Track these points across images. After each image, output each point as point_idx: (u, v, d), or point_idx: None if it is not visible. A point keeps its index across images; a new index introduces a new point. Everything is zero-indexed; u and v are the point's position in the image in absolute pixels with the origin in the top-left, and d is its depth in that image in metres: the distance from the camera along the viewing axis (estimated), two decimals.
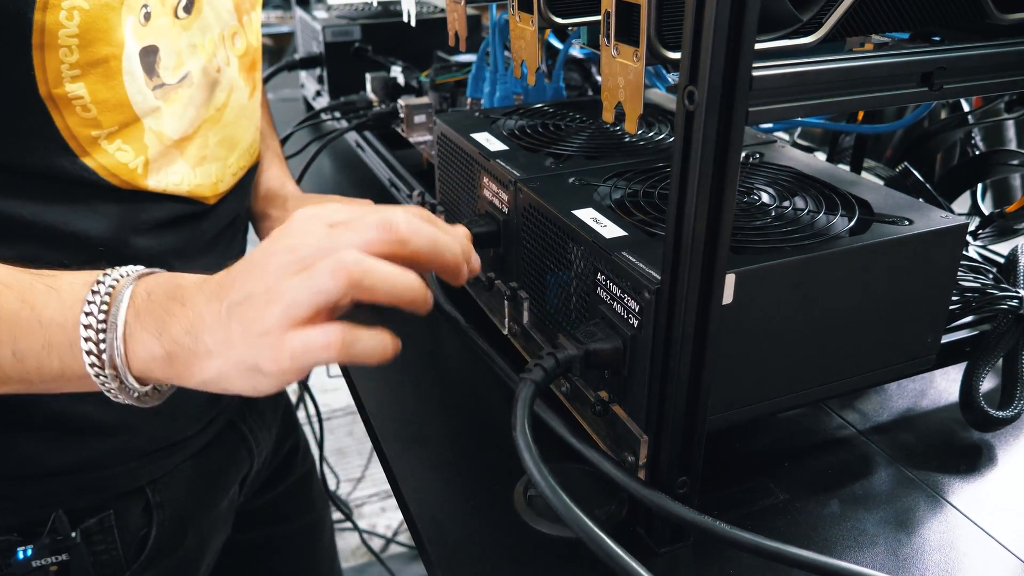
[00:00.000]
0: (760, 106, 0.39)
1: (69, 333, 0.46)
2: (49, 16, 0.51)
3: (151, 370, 0.46)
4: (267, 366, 0.43)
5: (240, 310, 0.44)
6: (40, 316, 0.46)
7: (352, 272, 0.42)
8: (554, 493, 0.42)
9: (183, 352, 0.45)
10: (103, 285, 0.46)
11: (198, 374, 0.45)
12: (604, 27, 0.43)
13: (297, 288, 0.42)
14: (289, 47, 3.56)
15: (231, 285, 0.45)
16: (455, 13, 0.69)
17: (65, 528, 0.64)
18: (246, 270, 0.45)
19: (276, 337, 0.42)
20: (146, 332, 0.45)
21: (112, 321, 0.45)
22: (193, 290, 0.46)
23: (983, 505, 0.53)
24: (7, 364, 0.46)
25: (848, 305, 0.50)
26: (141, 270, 0.48)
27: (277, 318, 0.42)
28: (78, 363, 0.46)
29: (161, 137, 0.61)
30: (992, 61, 0.45)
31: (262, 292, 0.43)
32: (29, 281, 0.47)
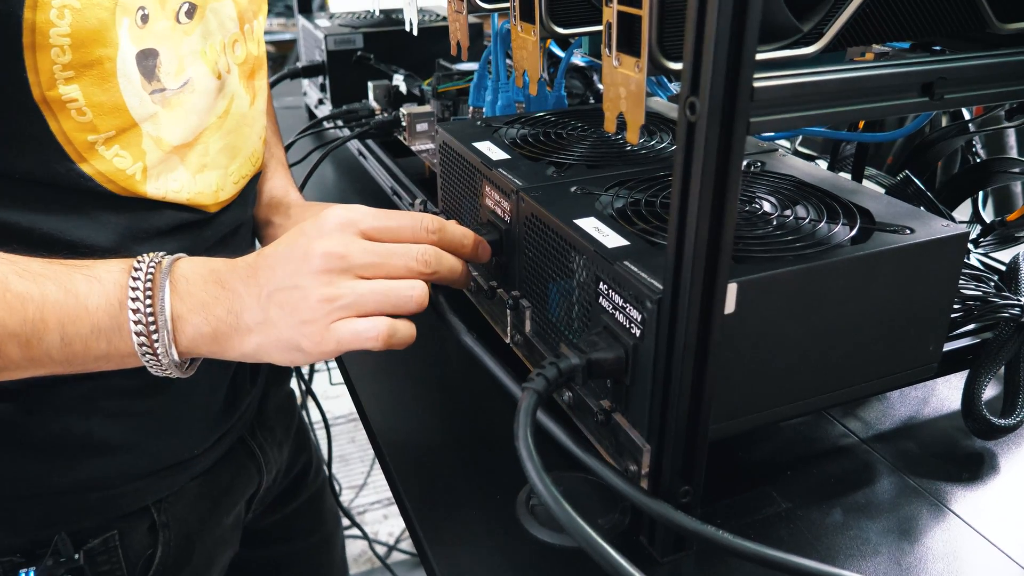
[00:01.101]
0: (761, 116, 0.40)
1: (116, 317, 0.51)
2: (39, 15, 0.51)
3: (197, 346, 0.53)
4: (309, 347, 0.51)
5: (283, 296, 0.51)
6: (86, 303, 0.51)
7: (422, 301, 0.53)
8: (556, 502, 0.42)
9: (227, 329, 0.52)
10: (141, 272, 0.52)
11: (239, 347, 0.53)
12: (606, 38, 0.43)
13: (364, 294, 0.51)
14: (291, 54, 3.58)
15: (270, 270, 0.52)
16: (457, 22, 0.69)
17: (68, 549, 0.63)
18: (285, 260, 0.52)
19: (323, 325, 0.51)
20: (192, 313, 0.52)
21: (160, 305, 0.51)
22: (227, 273, 0.53)
23: (986, 513, 0.53)
24: (55, 349, 0.51)
25: (850, 314, 0.50)
26: (172, 257, 0.54)
27: (328, 311, 0.50)
28: (126, 344, 0.51)
29: (160, 143, 0.60)
30: (992, 71, 0.45)
31: (311, 285, 0.50)
32: (66, 272, 0.51)
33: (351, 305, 0.51)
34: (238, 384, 0.75)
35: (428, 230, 0.56)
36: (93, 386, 0.62)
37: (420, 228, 0.55)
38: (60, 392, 0.61)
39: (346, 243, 0.52)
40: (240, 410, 0.76)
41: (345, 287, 0.51)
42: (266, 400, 0.84)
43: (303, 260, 0.51)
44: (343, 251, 0.51)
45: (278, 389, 0.89)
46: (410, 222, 0.55)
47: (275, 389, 0.87)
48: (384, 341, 0.51)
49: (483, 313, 0.71)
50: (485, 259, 0.61)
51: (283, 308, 0.51)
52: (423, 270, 0.54)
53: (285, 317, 0.51)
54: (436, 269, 0.55)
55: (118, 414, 0.64)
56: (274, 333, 0.51)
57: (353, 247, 0.52)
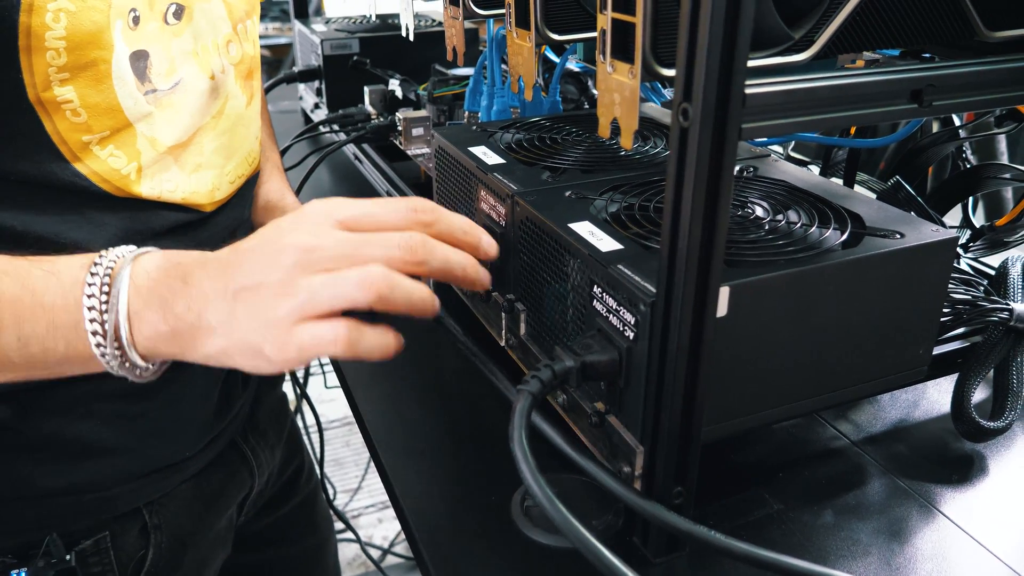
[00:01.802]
0: (753, 122, 0.40)
1: (72, 314, 0.47)
2: (35, 18, 0.51)
3: (156, 346, 0.48)
4: (272, 353, 0.46)
5: (248, 295, 0.46)
6: (42, 300, 0.47)
7: (380, 287, 0.45)
8: (551, 504, 0.42)
9: (186, 328, 0.47)
10: (101, 266, 0.48)
11: (201, 348, 0.47)
12: (600, 44, 0.44)
13: (319, 288, 0.45)
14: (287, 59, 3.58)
15: (238, 267, 0.47)
16: (453, 28, 0.70)
17: (59, 551, 0.63)
18: (254, 256, 0.47)
19: (284, 328, 0.45)
20: (149, 309, 0.47)
21: (114, 300, 0.47)
22: (194, 267, 0.48)
23: (975, 515, 0.53)
24: (12, 350, 0.48)
25: (841, 317, 0.51)
26: (136, 250, 0.50)
27: (289, 310, 0.45)
28: (83, 344, 0.47)
29: (154, 143, 0.61)
30: (981, 78, 0.46)
31: (274, 283, 0.45)
32: (26, 267, 0.48)
33: (307, 303, 0.45)
34: (230, 387, 0.75)
35: (418, 215, 0.49)
36: (86, 389, 0.62)
37: (409, 213, 0.49)
38: (53, 395, 0.61)
39: (317, 234, 0.47)
40: (232, 413, 0.76)
41: (303, 283, 0.45)
42: (258, 403, 0.84)
43: (272, 255, 0.46)
44: (312, 243, 0.46)
45: (270, 393, 0.89)
46: (396, 207, 0.49)
47: (267, 393, 0.88)
48: (344, 346, 0.45)
49: (478, 316, 0.71)
50: (492, 255, 0.53)
51: (247, 307, 0.46)
52: (406, 258, 0.47)
53: (248, 318, 0.46)
54: (424, 259, 0.47)
55: (111, 417, 0.64)
56: (237, 335, 0.46)
57: (324, 239, 0.46)
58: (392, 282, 0.45)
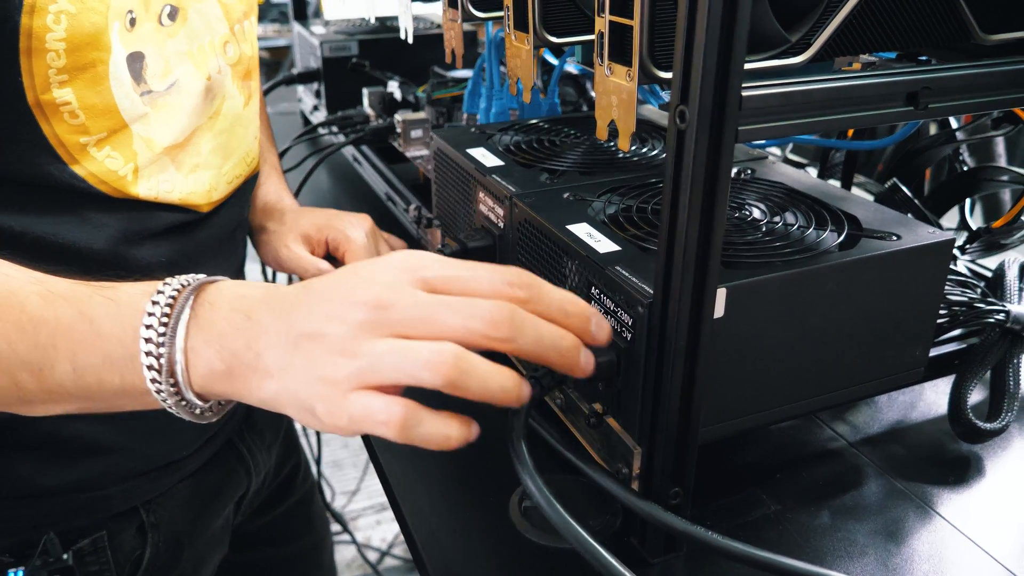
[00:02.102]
0: (749, 125, 0.40)
1: (128, 347, 0.44)
2: (36, 20, 0.51)
3: (211, 384, 0.45)
4: (322, 415, 0.42)
5: (308, 344, 0.42)
6: (99, 328, 0.45)
7: (450, 373, 0.40)
8: (549, 504, 0.42)
9: (243, 368, 0.43)
10: (163, 295, 0.45)
11: (256, 391, 0.44)
12: (598, 47, 0.44)
13: (383, 357, 0.40)
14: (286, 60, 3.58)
15: (304, 309, 0.43)
16: (452, 30, 0.70)
17: (57, 550, 0.63)
18: (323, 301, 0.43)
19: (339, 390, 0.41)
20: (207, 345, 0.44)
21: (171, 333, 0.44)
22: (259, 303, 0.44)
23: (971, 516, 0.53)
24: (67, 380, 0.45)
25: (838, 319, 0.51)
26: (203, 279, 0.46)
27: (347, 373, 0.41)
28: (138, 378, 0.44)
29: (150, 144, 0.61)
30: (976, 81, 0.46)
31: (337, 337, 0.41)
32: (87, 293, 0.46)
33: (367, 370, 0.40)
34: None
35: (512, 289, 0.42)
36: None
37: (502, 285, 0.42)
38: None
39: (394, 292, 0.42)
40: (229, 412, 0.76)
41: (367, 346, 0.40)
42: None
43: (342, 305, 0.42)
44: (386, 301, 0.41)
45: None
46: (489, 274, 0.43)
47: None
48: (396, 430, 0.40)
49: None
50: (601, 340, 0.45)
51: (306, 357, 0.42)
52: (488, 332, 0.40)
53: (305, 368, 0.41)
54: (511, 335, 0.41)
55: (107, 416, 0.64)
56: (292, 385, 0.42)
57: (400, 297, 0.41)
58: (464, 366, 0.40)
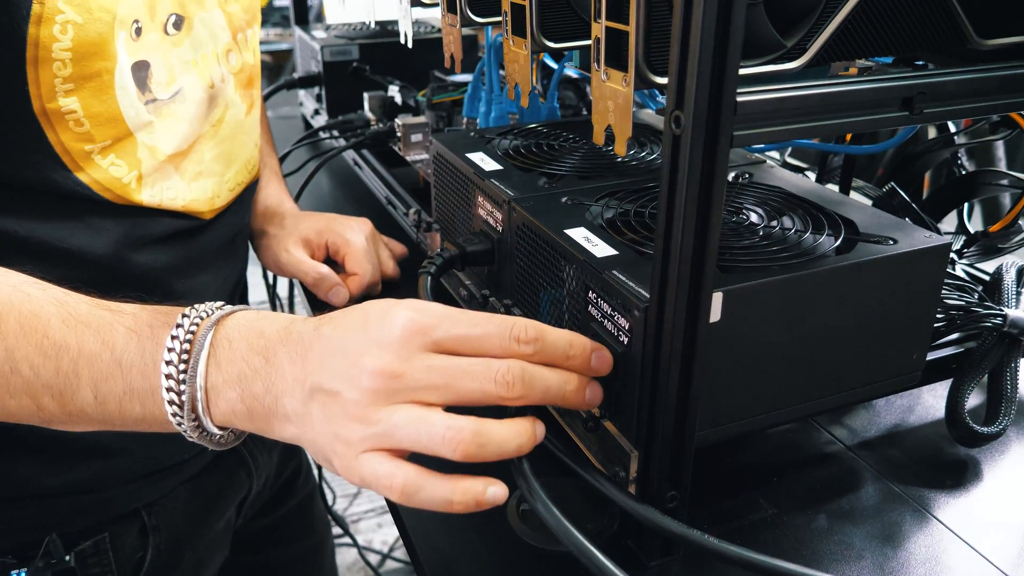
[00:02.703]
0: (745, 130, 0.41)
1: (150, 380, 0.45)
2: (43, 30, 0.52)
3: (232, 421, 0.46)
4: (337, 467, 0.44)
5: (324, 399, 0.43)
6: (120, 359, 0.46)
7: (468, 449, 0.42)
8: (546, 508, 0.43)
9: (263, 410, 0.45)
10: (182, 329, 0.46)
11: (278, 432, 0.45)
12: (594, 52, 0.44)
13: (399, 427, 0.42)
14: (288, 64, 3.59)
15: (318, 363, 0.44)
16: (450, 35, 0.70)
17: (59, 551, 0.63)
18: (335, 356, 0.44)
19: (353, 451, 0.43)
20: (228, 386, 0.45)
21: (192, 372, 0.45)
22: (277, 344, 0.45)
23: (969, 520, 0.54)
24: (89, 407, 0.46)
25: (834, 322, 0.51)
26: (222, 311, 0.47)
27: (360, 437, 0.42)
28: (160, 410, 0.46)
29: (154, 152, 0.61)
30: (972, 86, 0.47)
31: (351, 401, 0.42)
32: (108, 321, 0.47)
33: (381, 437, 0.42)
34: None
35: (520, 345, 0.44)
36: None
37: (510, 342, 0.44)
38: None
39: (406, 359, 0.43)
40: None
41: (383, 413, 0.42)
42: None
43: (354, 368, 0.43)
44: (399, 370, 0.42)
45: None
46: (498, 330, 0.44)
47: None
48: (399, 494, 0.42)
49: None
50: (603, 372, 0.47)
51: (323, 411, 0.43)
52: (503, 394, 0.43)
53: (322, 422, 0.43)
54: (523, 393, 0.43)
55: None
56: (310, 433, 0.44)
57: (414, 366, 0.43)
58: (482, 440, 0.42)
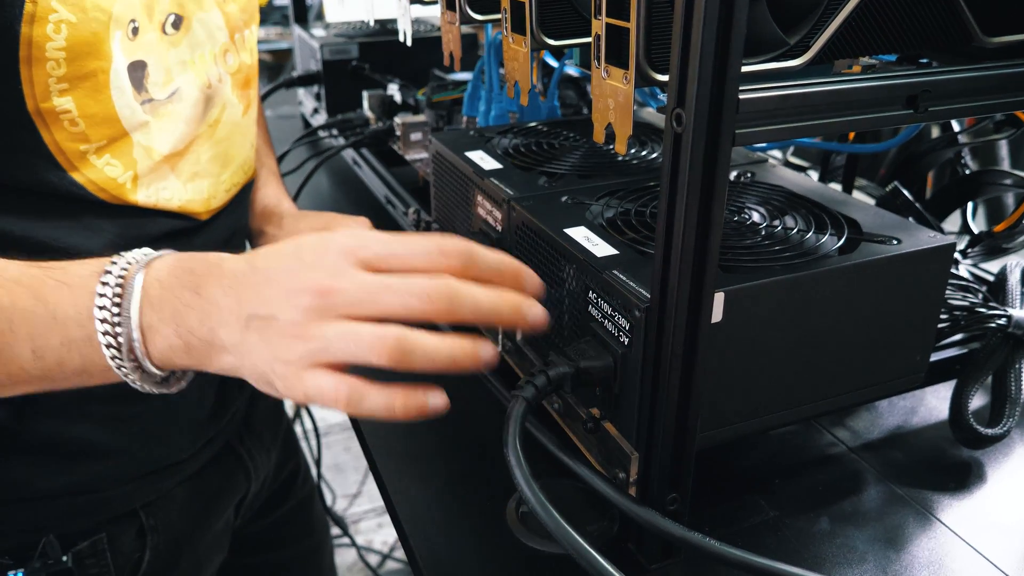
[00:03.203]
0: (747, 128, 0.40)
1: (86, 328, 0.46)
2: (36, 29, 0.51)
3: (171, 358, 0.47)
4: (280, 388, 0.45)
5: (260, 325, 0.44)
6: (55, 312, 0.46)
7: (393, 355, 0.43)
8: (545, 510, 0.42)
9: (199, 343, 0.46)
10: (112, 275, 0.47)
11: (216, 363, 0.47)
12: (594, 50, 0.44)
13: (333, 339, 0.43)
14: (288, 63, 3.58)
15: (252, 290, 0.45)
16: (450, 33, 0.70)
17: (56, 552, 0.63)
18: (269, 284, 0.45)
19: (294, 369, 0.43)
20: (163, 323, 0.46)
21: (126, 313, 0.46)
22: (208, 279, 0.47)
23: (972, 522, 0.53)
24: (28, 363, 0.47)
25: (837, 323, 0.51)
26: (150, 255, 0.49)
27: (300, 355, 0.43)
28: (99, 356, 0.47)
29: (150, 152, 0.61)
30: (977, 84, 0.46)
31: (287, 322, 0.43)
32: (40, 276, 0.47)
33: (320, 351, 0.43)
34: (226, 390, 0.75)
35: (446, 257, 0.45)
36: (83, 391, 0.62)
37: (437, 256, 0.45)
38: (48, 397, 0.61)
39: (337, 276, 0.44)
40: (228, 415, 0.76)
41: (318, 330, 0.43)
42: (254, 405, 0.84)
43: (288, 291, 0.44)
44: (330, 286, 0.43)
45: (266, 395, 0.89)
46: (426, 246, 0.45)
47: (263, 395, 0.87)
48: (344, 403, 0.43)
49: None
50: (535, 292, 0.47)
51: (260, 337, 0.44)
52: (426, 308, 0.43)
53: (260, 348, 0.44)
54: (448, 308, 0.43)
55: (106, 418, 0.64)
56: (248, 360, 0.45)
57: (344, 281, 0.44)
58: (406, 347, 0.43)
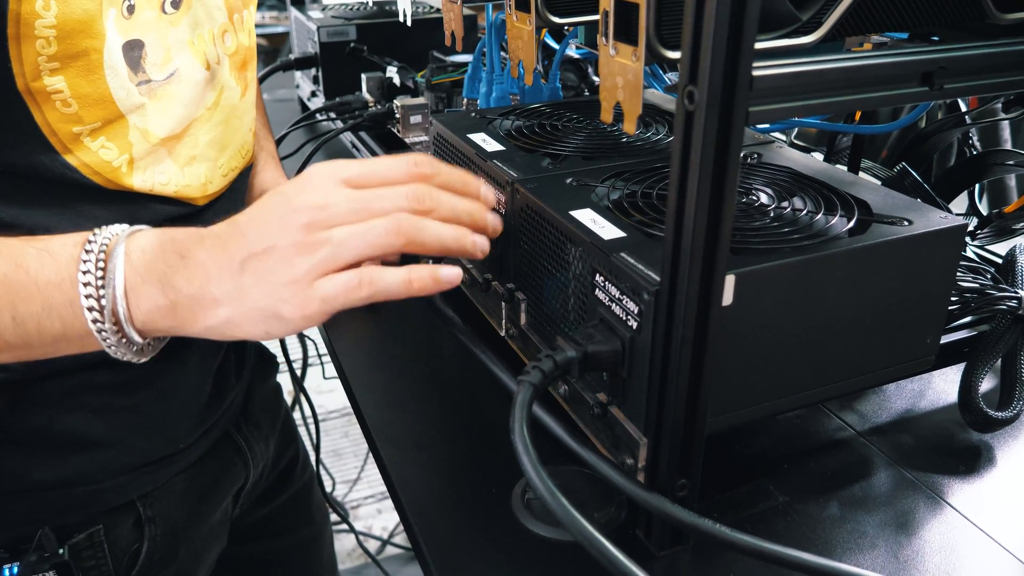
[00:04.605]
0: (760, 106, 0.39)
1: (67, 292, 0.47)
2: (25, 6, 0.50)
3: (155, 320, 0.48)
4: (290, 312, 0.47)
5: (257, 261, 0.47)
6: (36, 279, 0.47)
7: (409, 230, 0.48)
8: (552, 496, 0.41)
9: (187, 301, 0.47)
10: (95, 243, 0.48)
11: (203, 321, 0.48)
12: (603, 26, 0.43)
13: (345, 242, 0.47)
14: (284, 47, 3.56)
15: (241, 237, 0.48)
16: (451, 13, 0.68)
17: (52, 544, 0.62)
18: (260, 223, 0.48)
19: (304, 284, 0.46)
20: (147, 284, 0.48)
21: (111, 276, 0.47)
22: (191, 243, 0.49)
23: (983, 506, 0.53)
24: (7, 330, 0.47)
25: (847, 306, 0.50)
26: (130, 228, 0.50)
27: (309, 267, 0.46)
28: (79, 321, 0.47)
29: (147, 135, 0.60)
30: (993, 61, 0.45)
31: (288, 244, 0.46)
32: (19, 246, 0.48)
33: (332, 256, 0.47)
34: (223, 378, 0.75)
35: (419, 168, 0.51)
36: (77, 381, 0.61)
37: (410, 167, 0.51)
38: (43, 387, 0.60)
39: (327, 193, 0.48)
40: (226, 404, 0.76)
41: (324, 236, 0.47)
42: (252, 394, 0.83)
43: (281, 218, 0.47)
44: (323, 201, 0.47)
45: (264, 383, 0.88)
46: (399, 162, 0.51)
47: (261, 383, 0.87)
48: (367, 287, 0.47)
49: (478, 306, 0.70)
50: (492, 203, 0.55)
51: (258, 274, 0.47)
52: (415, 207, 0.49)
53: (261, 283, 0.47)
54: (432, 207, 0.50)
55: (102, 409, 0.63)
56: (248, 302, 0.47)
57: (335, 196, 0.48)
58: (418, 223, 0.48)
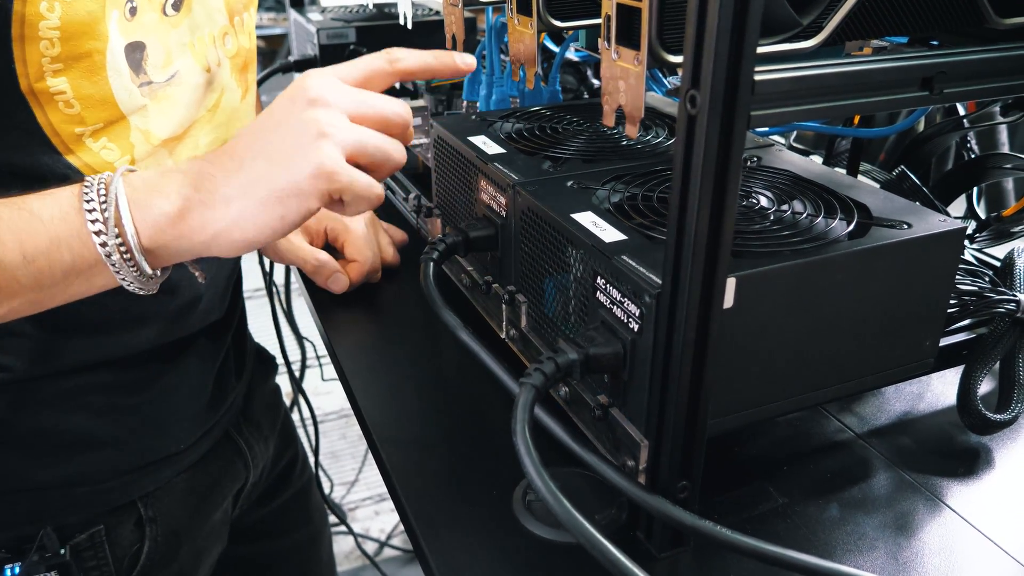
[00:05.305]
0: (762, 110, 0.39)
1: (72, 223, 0.48)
2: (29, 7, 0.50)
3: (162, 231, 0.48)
4: (304, 168, 0.48)
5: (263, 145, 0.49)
6: (40, 215, 0.48)
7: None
8: (554, 498, 0.41)
9: (196, 203, 0.48)
10: (94, 180, 0.49)
11: (211, 225, 0.48)
12: (604, 30, 0.43)
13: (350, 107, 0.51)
14: (282, 49, 3.56)
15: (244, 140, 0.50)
16: (452, 16, 0.69)
17: (54, 545, 0.62)
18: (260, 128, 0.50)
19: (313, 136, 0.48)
20: (151, 195, 0.48)
21: (112, 195, 0.48)
22: (191, 163, 0.50)
23: (982, 508, 0.53)
24: (19, 270, 0.47)
25: (847, 308, 0.50)
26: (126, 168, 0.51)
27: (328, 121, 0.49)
28: (88, 249, 0.48)
29: (148, 136, 0.60)
30: (993, 65, 0.45)
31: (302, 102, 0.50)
32: (19, 196, 0.49)
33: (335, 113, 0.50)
34: (224, 379, 0.75)
35: (393, 53, 0.55)
36: (79, 382, 0.61)
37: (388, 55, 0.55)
38: (45, 388, 0.61)
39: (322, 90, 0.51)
40: (226, 405, 0.76)
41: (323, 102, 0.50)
42: (252, 395, 0.83)
43: (287, 118, 0.50)
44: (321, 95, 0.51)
45: (264, 384, 0.88)
46: (376, 55, 0.55)
47: (261, 384, 0.87)
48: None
49: (478, 308, 0.71)
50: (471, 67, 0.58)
51: (269, 155, 0.49)
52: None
53: (272, 161, 0.48)
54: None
55: (103, 409, 0.63)
56: (263, 186, 0.48)
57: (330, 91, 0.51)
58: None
